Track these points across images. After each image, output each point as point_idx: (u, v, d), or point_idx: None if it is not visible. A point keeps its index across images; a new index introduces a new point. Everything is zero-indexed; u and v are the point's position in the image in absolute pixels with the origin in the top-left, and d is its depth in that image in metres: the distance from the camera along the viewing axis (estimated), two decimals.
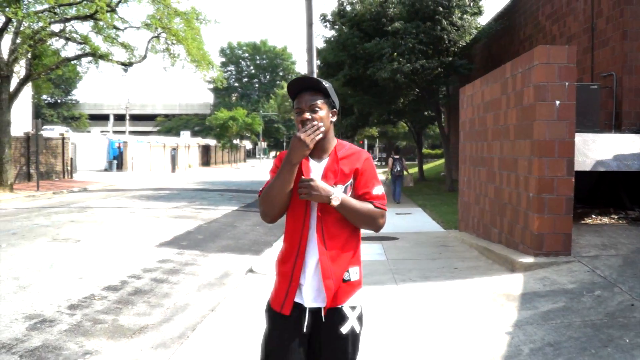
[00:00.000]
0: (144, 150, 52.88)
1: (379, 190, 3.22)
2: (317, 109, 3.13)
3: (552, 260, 8.09)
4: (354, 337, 3.18)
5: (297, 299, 3.13)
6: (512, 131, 9.40)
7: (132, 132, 78.80)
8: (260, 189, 3.24)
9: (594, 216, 10.85)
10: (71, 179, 36.23)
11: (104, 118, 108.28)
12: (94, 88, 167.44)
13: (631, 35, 13.17)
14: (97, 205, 20.61)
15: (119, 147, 50.06)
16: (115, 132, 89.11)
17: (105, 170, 48.22)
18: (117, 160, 49.40)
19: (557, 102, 8.23)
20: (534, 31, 19.65)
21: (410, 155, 62.62)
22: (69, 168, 37.36)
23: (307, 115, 3.10)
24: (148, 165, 52.75)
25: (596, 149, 10.26)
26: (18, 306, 7.49)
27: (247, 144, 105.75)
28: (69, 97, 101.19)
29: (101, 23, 26.59)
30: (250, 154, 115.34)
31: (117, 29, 28.00)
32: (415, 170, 36.97)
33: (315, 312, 3.14)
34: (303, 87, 3.19)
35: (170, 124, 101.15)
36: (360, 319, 3.22)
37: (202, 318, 7.11)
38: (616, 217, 10.81)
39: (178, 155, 55.83)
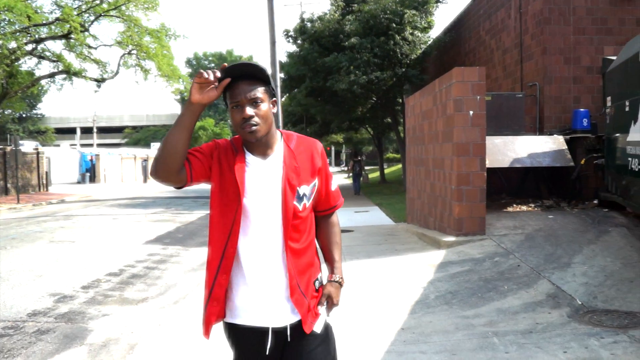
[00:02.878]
0: (115, 162, 54.28)
1: (335, 184, 3.08)
2: (259, 101, 2.68)
3: (469, 238, 10.09)
4: (329, 332, 2.96)
5: (252, 323, 2.78)
6: (440, 136, 11.40)
7: (100, 145, 80.00)
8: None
9: (515, 205, 12.85)
10: (47, 192, 37.60)
11: (70, 131, 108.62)
12: (60, 101, 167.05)
13: (550, 51, 15.28)
14: (80, 213, 22.26)
15: (91, 160, 51.43)
16: (82, 145, 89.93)
17: (78, 182, 49.57)
18: (90, 172, 50.76)
19: (471, 112, 10.24)
20: (477, 44, 21.75)
21: (375, 160, 64.84)
22: (44, 181, 38.70)
23: (249, 111, 2.65)
24: (120, 176, 54.16)
25: (514, 149, 12.30)
26: (40, 288, 9.27)
27: None
28: (34, 111, 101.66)
29: (73, 41, 28.17)
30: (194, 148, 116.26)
31: (89, 47, 29.64)
32: (376, 174, 39.07)
33: (280, 331, 2.80)
34: (238, 76, 2.68)
35: (138, 136, 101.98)
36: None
37: (190, 291, 8.96)
38: (533, 205, 12.82)
39: (149, 166, 57.31)
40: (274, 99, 2.79)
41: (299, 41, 28.16)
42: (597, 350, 5.51)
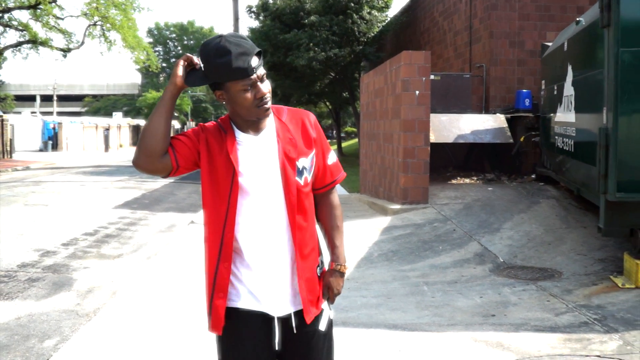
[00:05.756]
0: (77, 130, 54.52)
1: (333, 157, 2.84)
2: (264, 77, 2.54)
3: (413, 206, 11.23)
4: (330, 329, 2.79)
5: (258, 308, 2.61)
6: (390, 113, 12.49)
7: (60, 113, 79.43)
8: None
9: (459, 178, 14.01)
10: (11, 159, 37.93)
11: (30, 99, 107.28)
12: (19, 68, 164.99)
13: (496, 35, 16.39)
14: (48, 180, 22.95)
15: (53, 128, 51.61)
16: (42, 113, 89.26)
17: (41, 150, 49.74)
18: (52, 140, 50.94)
19: (417, 92, 11.32)
20: (430, 25, 22.81)
21: (333, 133, 66.04)
22: (9, 148, 39.01)
23: (265, 88, 2.52)
24: (82, 145, 54.43)
25: (459, 126, 13.44)
26: (24, 244, 10.16)
27: (176, 124, 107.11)
28: None
29: (40, 11, 28.55)
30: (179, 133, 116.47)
31: (56, 17, 30.05)
32: (334, 147, 40.21)
33: (284, 319, 2.68)
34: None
35: (98, 104, 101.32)
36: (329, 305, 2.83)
37: (160, 249, 9.95)
38: (476, 178, 14.00)
39: (110, 136, 57.76)
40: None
41: (261, 17, 29.01)
42: (507, 296, 6.68)
